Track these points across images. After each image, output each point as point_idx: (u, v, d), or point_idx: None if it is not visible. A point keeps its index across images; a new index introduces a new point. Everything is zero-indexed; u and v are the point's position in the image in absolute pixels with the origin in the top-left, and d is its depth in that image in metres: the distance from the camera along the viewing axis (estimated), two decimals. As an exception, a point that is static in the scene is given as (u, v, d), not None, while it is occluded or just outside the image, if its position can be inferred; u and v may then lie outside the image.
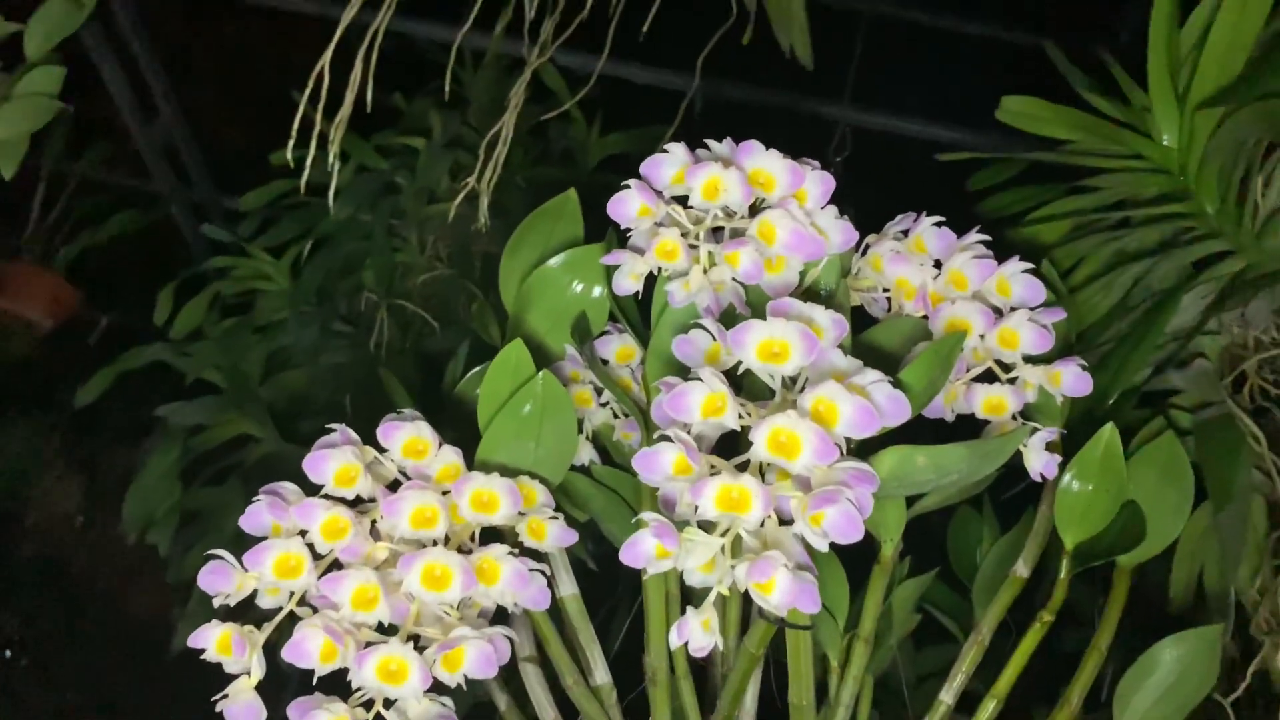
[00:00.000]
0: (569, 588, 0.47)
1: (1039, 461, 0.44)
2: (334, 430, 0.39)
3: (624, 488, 0.50)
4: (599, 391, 0.50)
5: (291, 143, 0.75)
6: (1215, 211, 0.65)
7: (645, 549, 0.34)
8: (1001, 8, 1.09)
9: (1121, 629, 0.52)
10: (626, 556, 0.34)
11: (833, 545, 0.51)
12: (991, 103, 0.73)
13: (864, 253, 0.47)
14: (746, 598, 0.48)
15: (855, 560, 0.52)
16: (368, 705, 0.35)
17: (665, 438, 0.34)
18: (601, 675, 0.47)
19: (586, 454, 0.51)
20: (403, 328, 1.07)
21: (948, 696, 0.48)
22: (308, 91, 0.73)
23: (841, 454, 0.34)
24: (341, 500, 0.38)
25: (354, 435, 0.39)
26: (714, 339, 0.38)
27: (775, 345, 0.35)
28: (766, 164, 0.40)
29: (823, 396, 0.34)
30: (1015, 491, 0.68)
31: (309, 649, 0.35)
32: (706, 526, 0.33)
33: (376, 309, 1.05)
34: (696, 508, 0.32)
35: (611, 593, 0.61)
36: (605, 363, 0.49)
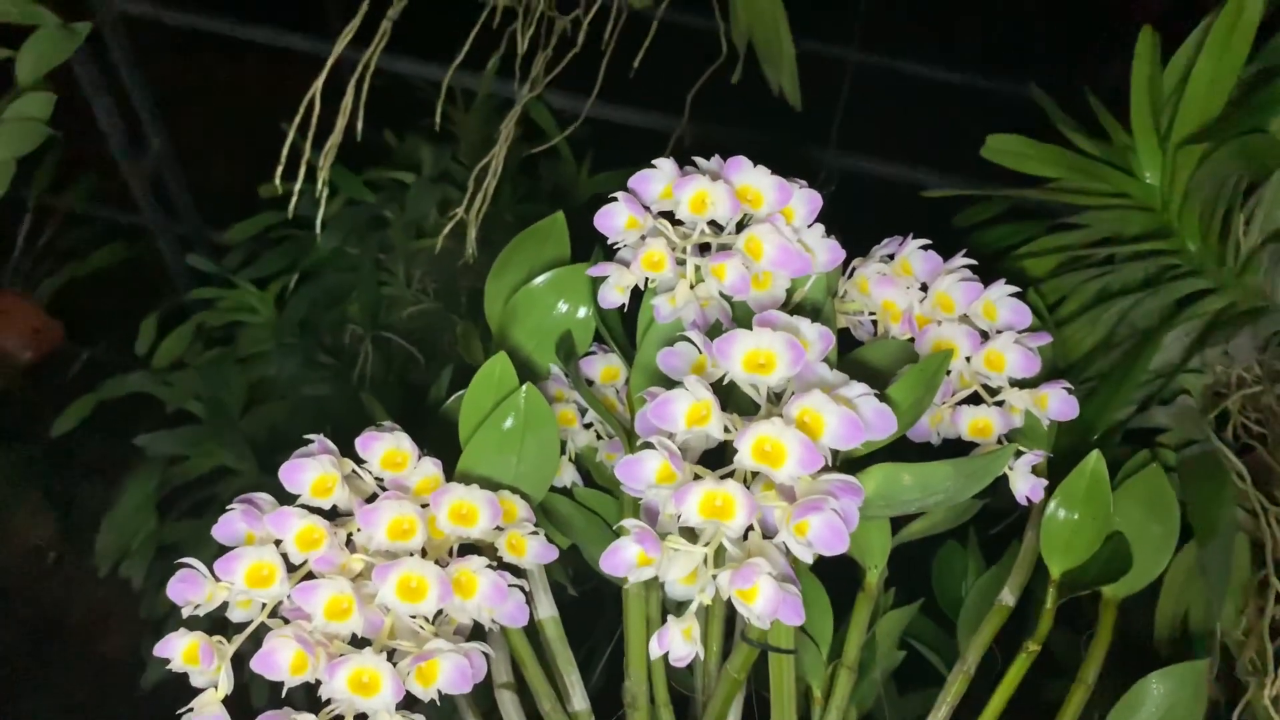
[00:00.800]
0: (548, 610, 0.46)
1: (1025, 484, 0.44)
2: (311, 440, 0.38)
3: (606, 510, 0.49)
4: (583, 412, 0.50)
5: (280, 171, 0.75)
6: (1197, 249, 0.66)
7: (626, 556, 0.33)
8: (982, 56, 1.10)
9: (1106, 669, 0.52)
10: (607, 565, 0.34)
11: (817, 571, 0.51)
12: (974, 146, 0.74)
13: (850, 275, 0.47)
14: (729, 623, 0.47)
15: (839, 588, 0.52)
16: (338, 720, 0.34)
17: (649, 445, 0.33)
18: (580, 702, 0.46)
19: (569, 475, 0.50)
20: (387, 361, 1.07)
21: (933, 728, 0.47)
22: (296, 121, 0.73)
23: (827, 466, 0.34)
24: (318, 511, 0.37)
25: (331, 445, 0.38)
26: (700, 351, 0.37)
27: (761, 356, 0.35)
28: (754, 180, 0.40)
29: (809, 407, 0.33)
30: (1000, 529, 0.68)
31: (279, 660, 0.34)
32: (689, 535, 0.33)
33: (361, 341, 1.05)
34: (679, 517, 0.32)
35: (592, 628, 0.60)
36: (590, 383, 0.49)
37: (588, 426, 0.50)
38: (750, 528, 0.33)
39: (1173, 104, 0.66)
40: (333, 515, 0.39)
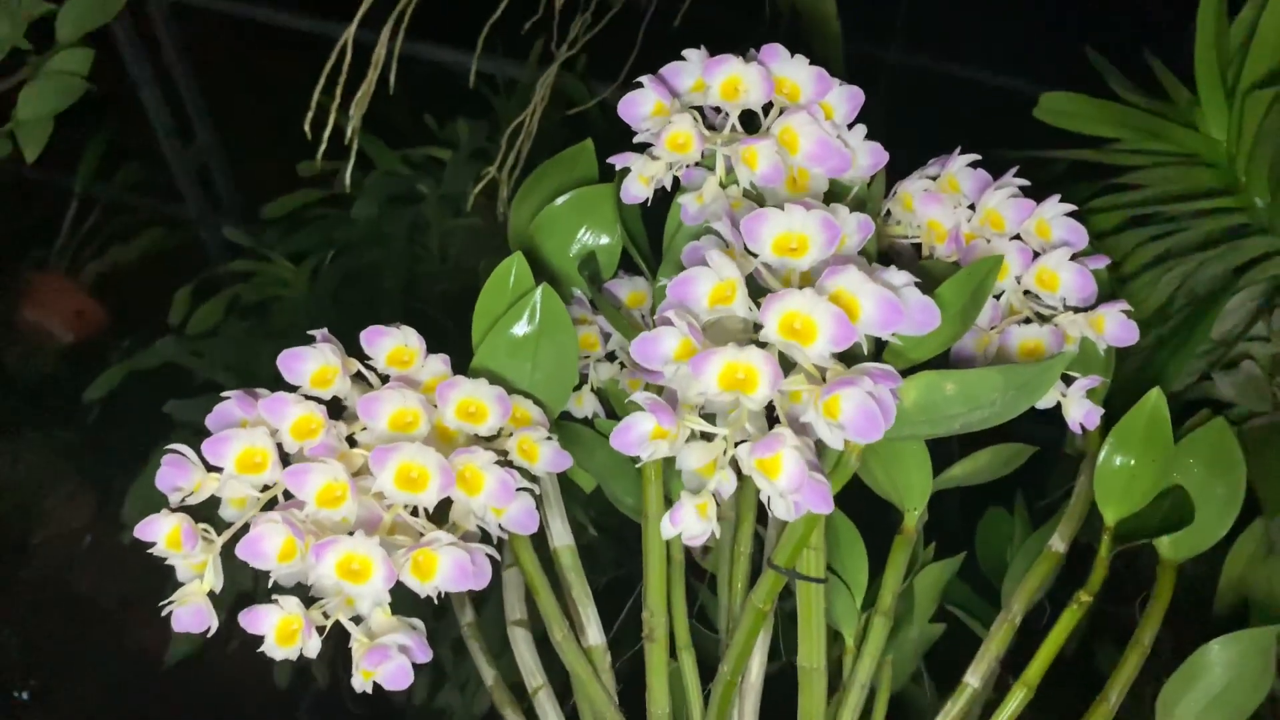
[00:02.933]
0: (564, 537, 0.43)
1: (1080, 410, 0.41)
2: (314, 335, 0.36)
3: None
4: (606, 339, 0.47)
5: (320, 148, 0.74)
6: (1266, 205, 0.62)
7: (639, 430, 0.31)
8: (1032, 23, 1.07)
9: (1163, 636, 0.48)
10: (618, 441, 0.31)
11: (852, 515, 0.48)
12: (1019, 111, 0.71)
13: (893, 195, 0.44)
14: (758, 552, 0.44)
15: (876, 537, 0.49)
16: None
17: (667, 321, 0.30)
18: (595, 635, 0.43)
19: (591, 406, 0.48)
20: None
21: (974, 680, 0.44)
22: (325, 96, 0.71)
23: (862, 354, 0.31)
24: (317, 401, 0.35)
25: (335, 340, 0.36)
26: (727, 244, 0.35)
27: (793, 239, 0.32)
28: (791, 71, 0.38)
29: (844, 288, 0.31)
30: (1049, 500, 0.64)
31: (266, 547, 0.32)
32: (710, 419, 0.30)
33: (393, 313, 1.03)
34: (700, 390, 0.29)
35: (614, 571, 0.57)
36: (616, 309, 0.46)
37: (611, 359, 0.48)
38: (775, 418, 0.30)
39: (1238, 60, 0.63)
40: (336, 416, 0.36)
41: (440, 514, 0.35)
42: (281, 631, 0.31)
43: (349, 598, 0.33)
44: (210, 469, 0.34)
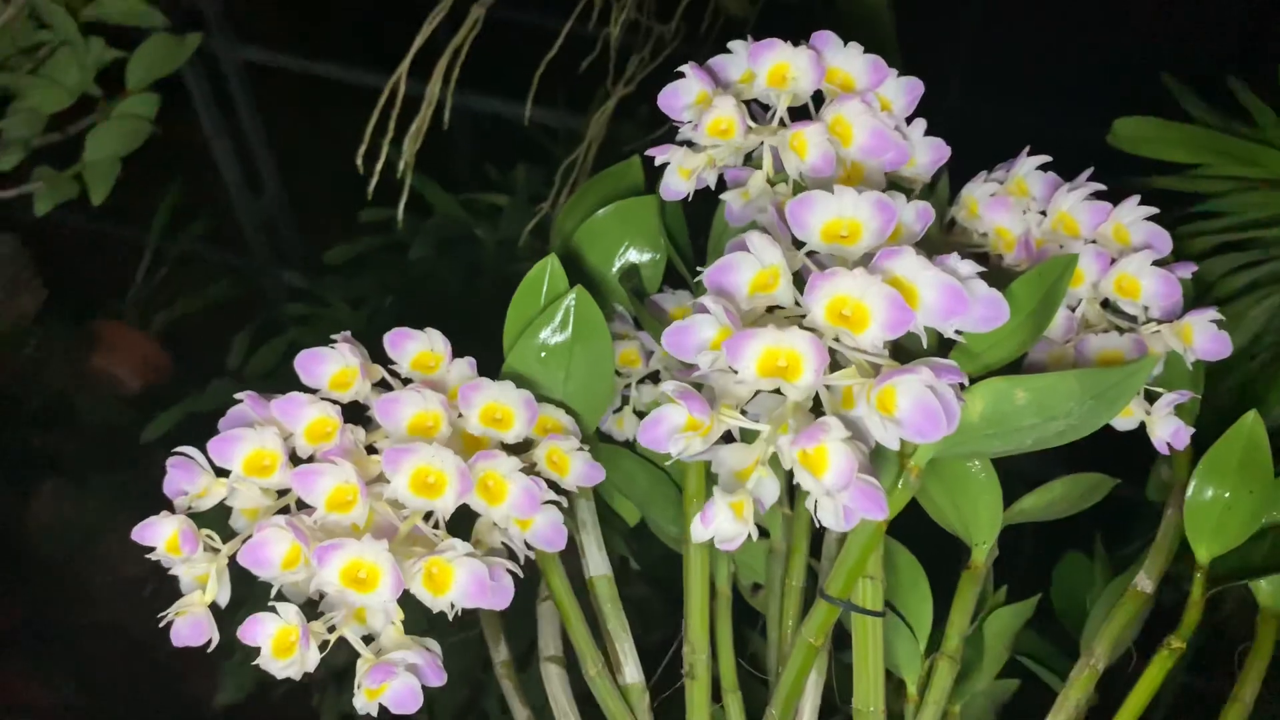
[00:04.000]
0: (600, 566, 0.40)
1: (1167, 428, 0.37)
2: (335, 339, 0.34)
3: (672, 466, 0.43)
4: (648, 357, 0.45)
5: (373, 179, 0.74)
6: (1365, 229, 0.57)
7: (670, 423, 0.28)
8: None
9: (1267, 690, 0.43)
10: (646, 437, 0.28)
11: (914, 551, 0.44)
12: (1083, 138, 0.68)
13: (956, 203, 0.42)
14: (811, 586, 0.41)
15: (940, 577, 0.45)
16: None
17: (702, 309, 0.28)
18: (633, 673, 0.40)
19: (632, 428, 0.45)
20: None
21: (1053, 732, 0.39)
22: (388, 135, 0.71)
23: (922, 351, 0.28)
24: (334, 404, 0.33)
25: (357, 343, 0.34)
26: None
27: (844, 225, 0.29)
28: (844, 60, 0.35)
29: (901, 273, 0.28)
30: (1131, 549, 0.59)
31: (269, 554, 0.29)
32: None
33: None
34: (737, 375, 0.26)
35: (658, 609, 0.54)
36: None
37: (656, 380, 0.45)
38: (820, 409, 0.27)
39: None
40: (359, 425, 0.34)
41: (463, 535, 0.33)
42: (279, 642, 0.28)
43: (359, 611, 0.30)
44: (220, 474, 0.32)
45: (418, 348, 0.35)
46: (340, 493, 0.30)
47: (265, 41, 1.37)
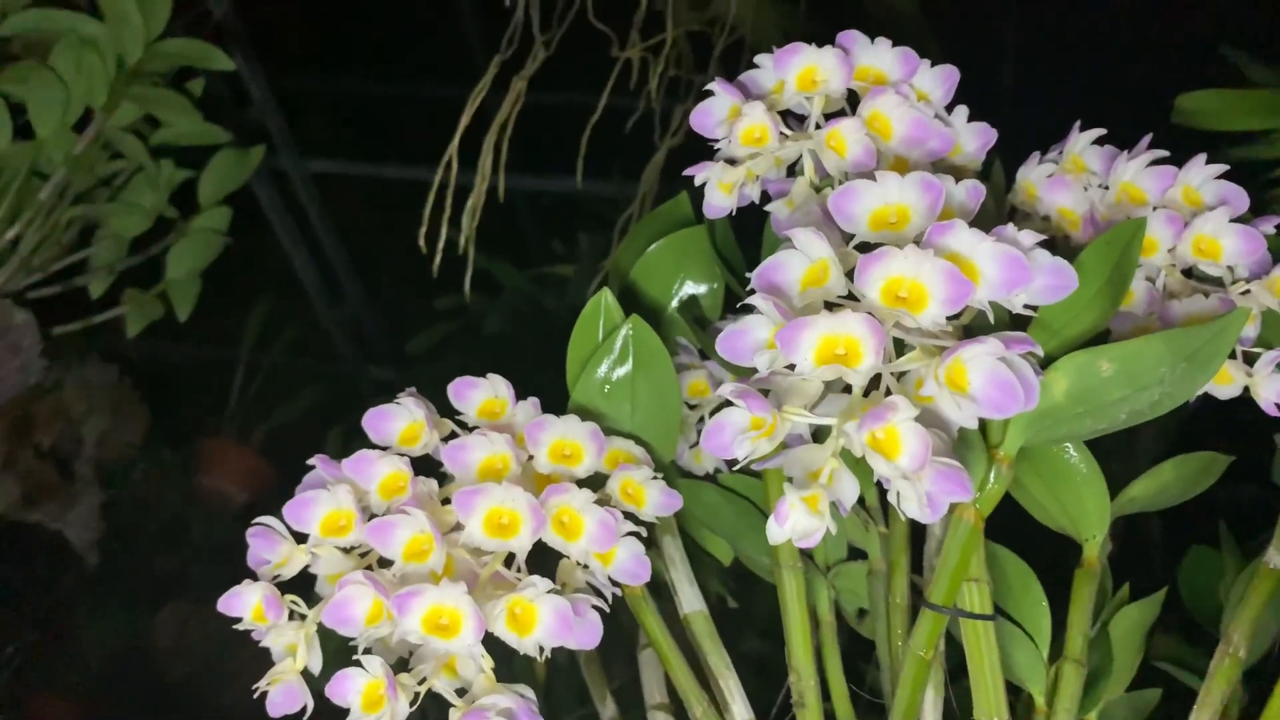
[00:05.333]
0: (695, 603, 0.39)
1: (1273, 388, 0.35)
2: (400, 396, 0.35)
3: (757, 495, 0.42)
4: (718, 386, 0.44)
5: (437, 258, 0.76)
6: None
7: (733, 424, 0.27)
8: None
9: None
10: (711, 444, 0.27)
11: (1023, 556, 0.42)
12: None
13: (1015, 187, 0.40)
14: (916, 602, 0.39)
15: (1054, 584, 0.43)
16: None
17: (749, 308, 0.27)
18: (740, 710, 0.38)
19: (712, 461, 0.44)
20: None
21: (1198, 729, 0.37)
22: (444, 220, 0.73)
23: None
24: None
25: (422, 398, 0.35)
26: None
27: (891, 212, 0.29)
28: (873, 58, 0.35)
29: (956, 249, 0.27)
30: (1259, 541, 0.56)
31: (354, 611, 0.29)
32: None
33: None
34: (794, 366, 0.25)
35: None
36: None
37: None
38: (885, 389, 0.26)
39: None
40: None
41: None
42: (368, 697, 0.28)
43: (449, 662, 0.30)
44: (299, 540, 0.32)
45: (482, 396, 0.35)
46: (417, 542, 0.30)
47: (327, 151, 1.42)
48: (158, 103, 0.77)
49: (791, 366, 0.26)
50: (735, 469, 0.45)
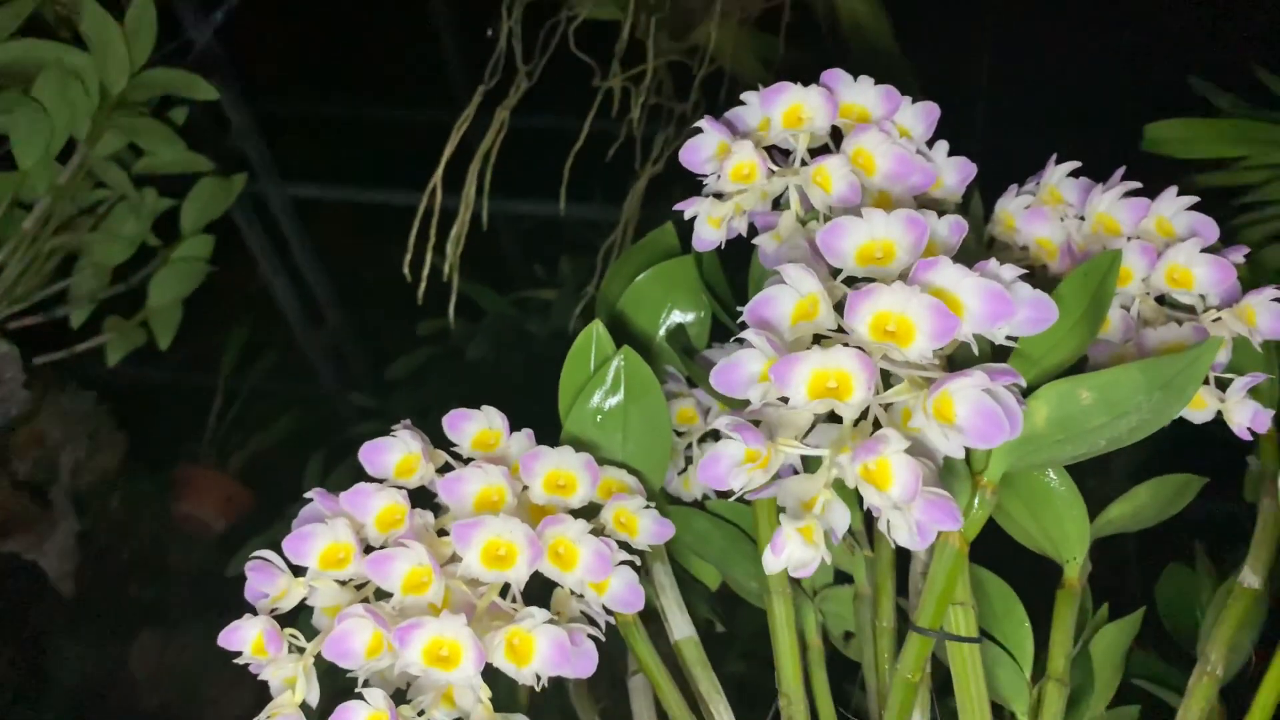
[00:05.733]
0: (685, 629, 0.40)
1: (1245, 413, 0.36)
2: (395, 429, 0.35)
3: (746, 521, 0.43)
4: (706, 414, 0.45)
5: (422, 284, 0.76)
6: None
7: (729, 457, 0.28)
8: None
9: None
10: (707, 476, 0.28)
11: (1005, 578, 0.43)
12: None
13: (994, 219, 0.41)
14: (902, 626, 0.40)
15: (1036, 604, 0.43)
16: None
17: (742, 342, 0.28)
18: (731, 734, 0.39)
19: (700, 487, 0.45)
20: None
21: (1179, 748, 0.37)
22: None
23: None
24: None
25: (417, 429, 0.35)
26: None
27: (878, 247, 0.29)
28: (856, 95, 0.36)
29: (941, 284, 0.28)
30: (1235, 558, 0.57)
31: (354, 644, 0.29)
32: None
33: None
34: (788, 400, 0.26)
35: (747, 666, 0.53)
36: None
37: (716, 437, 0.45)
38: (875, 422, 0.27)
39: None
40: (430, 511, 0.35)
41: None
42: (371, 730, 0.28)
43: (447, 693, 0.30)
44: (298, 573, 0.32)
45: (476, 427, 0.35)
46: (415, 575, 0.30)
47: (308, 176, 1.42)
48: (141, 132, 0.77)
49: (785, 399, 0.26)
50: (728, 497, 0.46)
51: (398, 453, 0.34)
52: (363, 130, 1.41)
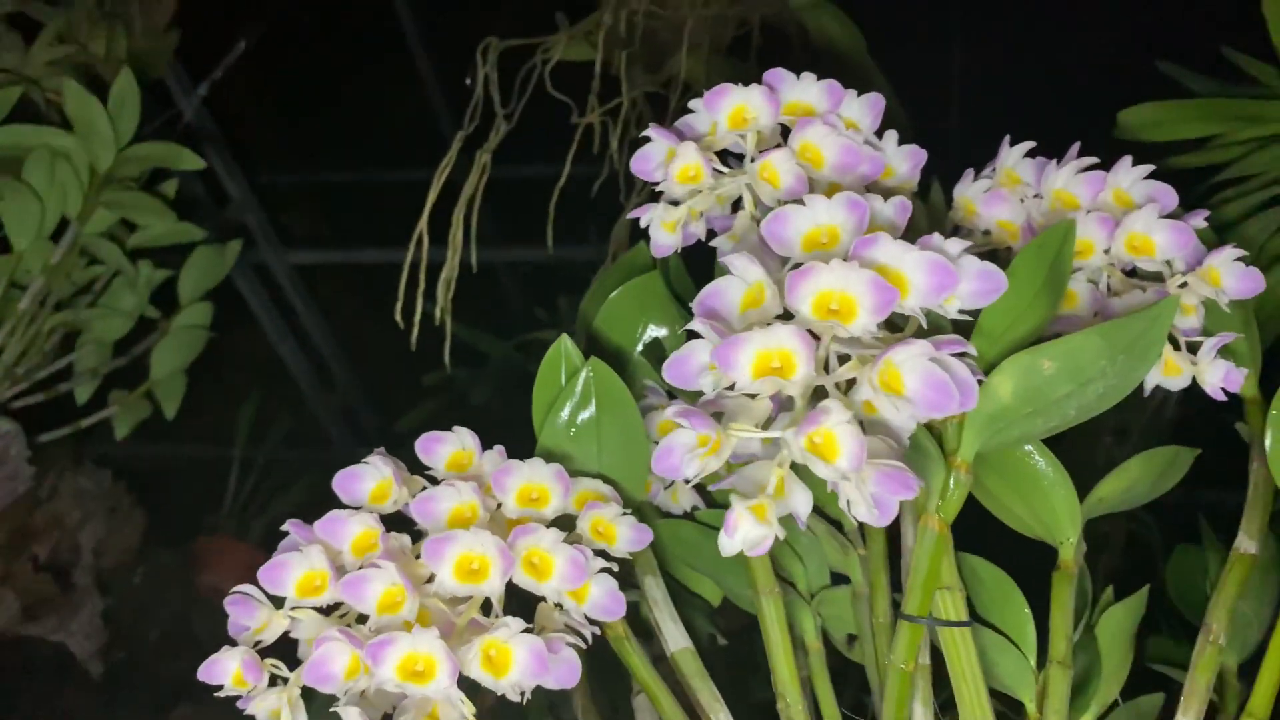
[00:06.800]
0: (680, 641, 0.40)
1: (1216, 373, 0.35)
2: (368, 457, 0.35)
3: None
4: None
5: (414, 330, 0.77)
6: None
7: (679, 445, 0.28)
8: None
9: None
10: (661, 467, 0.28)
11: (1003, 566, 0.43)
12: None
13: (954, 207, 0.42)
14: (896, 614, 0.39)
15: (1040, 589, 0.43)
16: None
17: (693, 334, 0.28)
18: (733, 744, 0.38)
19: (688, 499, 0.44)
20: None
21: (1188, 721, 0.37)
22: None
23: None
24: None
25: (390, 457, 0.35)
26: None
27: (823, 233, 0.30)
28: (800, 93, 0.36)
29: (883, 261, 0.28)
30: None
31: (332, 669, 0.29)
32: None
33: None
34: (734, 386, 0.26)
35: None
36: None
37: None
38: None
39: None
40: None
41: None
42: (350, 750, 0.28)
43: (431, 710, 0.30)
44: (279, 605, 0.32)
45: (450, 450, 0.36)
46: (390, 595, 0.30)
47: (308, 242, 1.44)
48: (131, 206, 0.78)
49: (733, 386, 0.26)
50: (710, 492, 0.46)
51: (371, 480, 0.34)
52: (358, 191, 1.43)
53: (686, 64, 0.88)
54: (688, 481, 0.28)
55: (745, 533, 0.26)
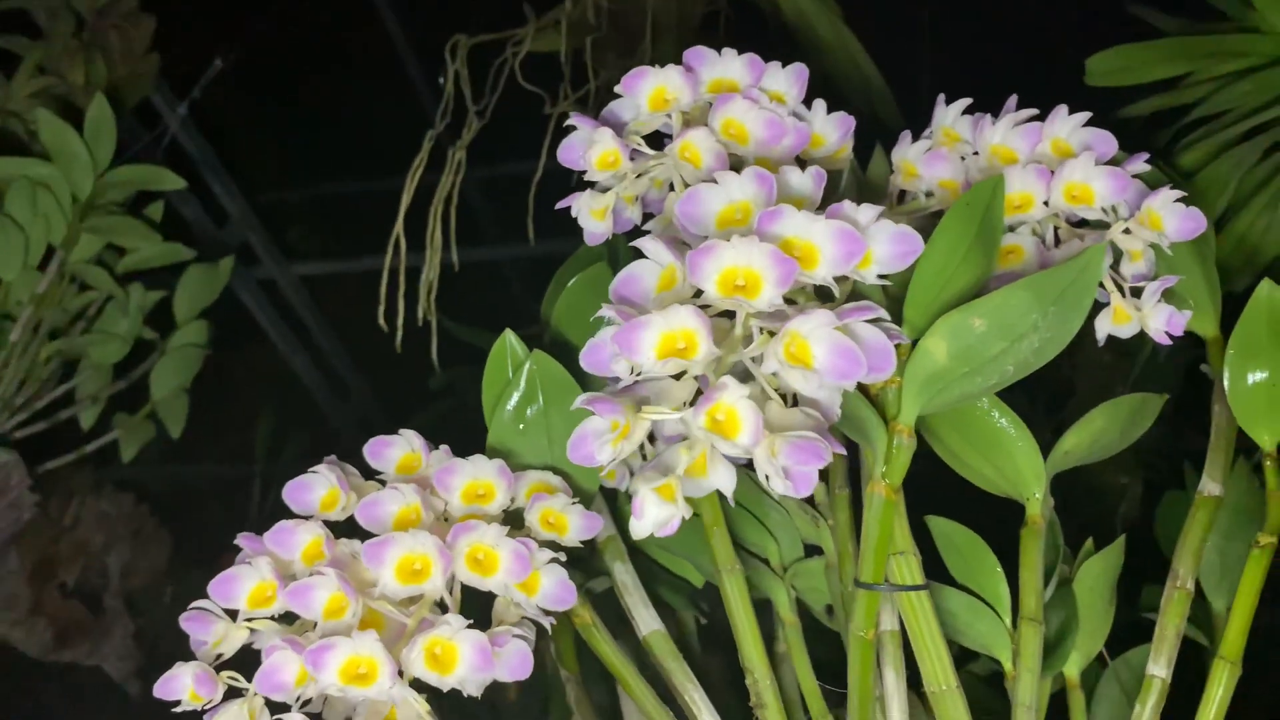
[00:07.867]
0: (651, 623, 0.40)
1: (1160, 317, 0.35)
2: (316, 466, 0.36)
3: (701, 508, 0.43)
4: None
5: (399, 332, 0.77)
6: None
7: (592, 431, 0.28)
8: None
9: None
10: (577, 455, 0.28)
11: (979, 530, 0.42)
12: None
13: (896, 170, 0.41)
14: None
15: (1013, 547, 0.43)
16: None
17: (603, 321, 0.28)
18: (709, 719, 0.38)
19: (656, 483, 0.44)
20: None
21: (1159, 669, 0.36)
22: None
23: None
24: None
25: (342, 465, 0.36)
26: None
27: (736, 209, 0.29)
28: (722, 69, 0.36)
29: (792, 236, 0.28)
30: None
31: (283, 678, 0.30)
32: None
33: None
34: (638, 373, 0.26)
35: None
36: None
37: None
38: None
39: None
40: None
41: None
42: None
43: (390, 713, 0.30)
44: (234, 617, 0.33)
45: (399, 453, 0.36)
46: (335, 601, 0.30)
47: (311, 254, 1.45)
48: (116, 231, 0.79)
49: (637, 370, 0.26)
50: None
51: (321, 489, 0.34)
52: (356, 200, 1.43)
53: (659, 45, 0.87)
54: (602, 468, 0.28)
55: (653, 514, 0.26)
